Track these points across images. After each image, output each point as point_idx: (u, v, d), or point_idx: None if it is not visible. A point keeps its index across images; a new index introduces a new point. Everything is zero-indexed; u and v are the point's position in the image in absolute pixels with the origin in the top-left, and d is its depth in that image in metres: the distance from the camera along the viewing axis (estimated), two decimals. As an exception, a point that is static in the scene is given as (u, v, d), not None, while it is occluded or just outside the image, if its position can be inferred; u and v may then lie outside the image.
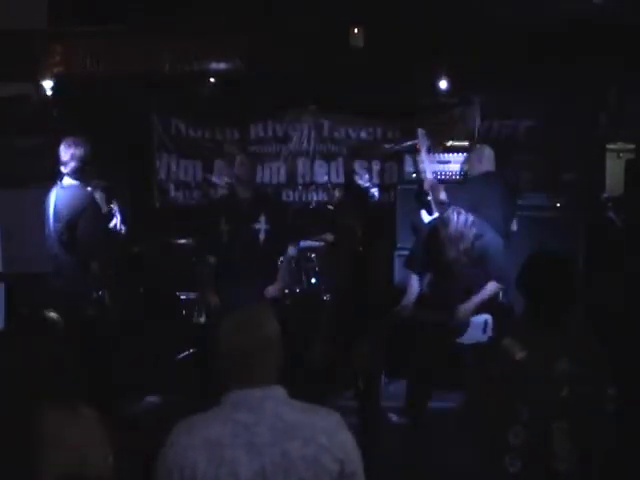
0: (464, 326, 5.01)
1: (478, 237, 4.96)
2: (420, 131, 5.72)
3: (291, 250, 5.38)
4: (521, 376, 2.66)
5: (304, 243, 6.55)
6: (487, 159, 5.88)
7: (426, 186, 5.28)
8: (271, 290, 5.21)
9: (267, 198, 5.81)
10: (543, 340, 2.74)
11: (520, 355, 2.68)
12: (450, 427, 4.96)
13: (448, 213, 4.95)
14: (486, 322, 5.00)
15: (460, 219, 4.88)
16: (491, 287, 5.02)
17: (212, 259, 5.26)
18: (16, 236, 4.76)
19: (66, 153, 4.67)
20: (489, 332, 4.99)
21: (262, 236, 5.20)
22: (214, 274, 5.27)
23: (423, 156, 5.57)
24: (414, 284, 5.07)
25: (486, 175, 5.78)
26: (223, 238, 5.19)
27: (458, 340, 5.03)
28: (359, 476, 2.19)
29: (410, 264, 5.20)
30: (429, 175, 5.41)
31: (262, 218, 5.20)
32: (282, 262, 5.36)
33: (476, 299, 4.98)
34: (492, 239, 5.04)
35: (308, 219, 7.17)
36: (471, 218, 4.92)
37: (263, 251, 5.23)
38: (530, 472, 2.69)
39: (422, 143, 5.64)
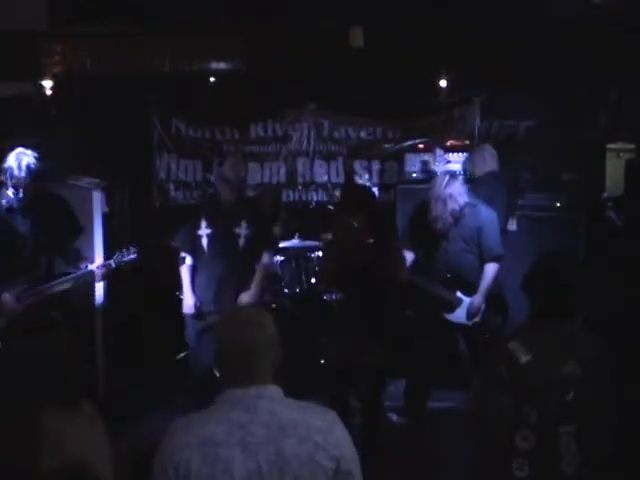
0: (455, 303, 5.07)
1: (470, 205, 5.03)
2: None
3: (266, 257, 5.25)
4: (528, 379, 2.66)
5: (304, 243, 6.55)
6: (491, 158, 5.94)
7: None
8: (245, 297, 5.09)
9: (249, 203, 5.77)
10: (549, 343, 2.74)
11: (525, 359, 2.67)
12: (450, 427, 4.97)
13: (440, 174, 5.03)
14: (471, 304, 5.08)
15: (451, 182, 4.95)
16: (492, 268, 5.06)
17: (189, 259, 5.20)
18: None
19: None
20: (477, 317, 5.06)
21: (242, 241, 5.12)
22: (192, 275, 5.19)
23: None
24: (408, 256, 5.13)
25: (491, 174, 5.84)
26: (203, 239, 5.13)
27: (446, 314, 5.09)
28: (355, 474, 2.19)
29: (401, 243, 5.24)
30: None
31: (243, 223, 5.11)
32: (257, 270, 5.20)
33: (484, 285, 5.03)
34: (486, 211, 5.11)
35: (308, 219, 7.18)
36: (465, 186, 5.00)
37: (242, 256, 5.14)
38: (538, 476, 2.68)
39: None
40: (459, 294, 5.09)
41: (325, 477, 2.12)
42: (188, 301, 5.13)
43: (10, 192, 4.49)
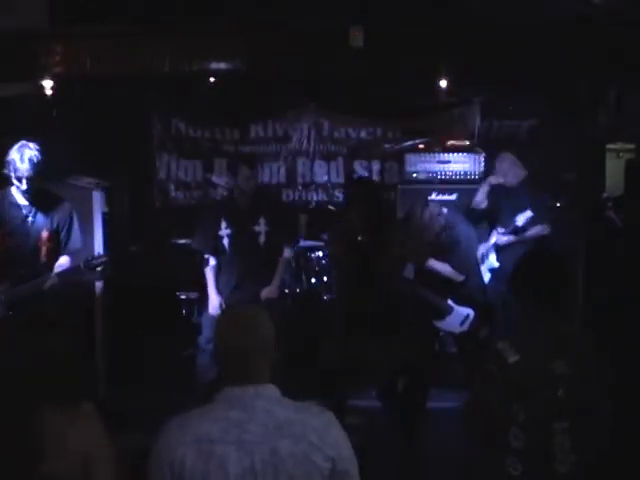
0: (446, 311, 5.09)
1: (447, 228, 5.06)
2: None
3: (287, 252, 5.39)
4: (516, 379, 2.66)
5: (304, 243, 6.56)
6: (519, 162, 5.97)
7: None
8: (267, 291, 5.23)
9: (267, 200, 5.81)
10: (537, 342, 2.74)
11: (513, 359, 2.68)
12: (449, 427, 4.97)
13: (414, 207, 5.08)
14: (467, 316, 5.08)
15: (425, 212, 5.00)
16: (443, 267, 5.08)
17: (212, 260, 5.26)
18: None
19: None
20: (466, 326, 5.08)
21: (262, 238, 5.21)
22: (216, 275, 5.27)
23: None
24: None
25: (528, 179, 5.89)
26: (224, 240, 5.20)
27: (435, 322, 5.11)
28: (352, 474, 2.19)
29: None
30: None
31: (262, 220, 5.21)
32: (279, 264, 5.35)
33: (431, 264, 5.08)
34: (464, 230, 5.16)
35: (308, 219, 7.19)
36: (440, 210, 5.08)
37: (263, 253, 5.24)
38: (531, 474, 2.68)
39: None
40: (450, 302, 5.10)
41: (320, 477, 2.12)
42: (214, 302, 5.20)
43: (14, 187, 4.49)
